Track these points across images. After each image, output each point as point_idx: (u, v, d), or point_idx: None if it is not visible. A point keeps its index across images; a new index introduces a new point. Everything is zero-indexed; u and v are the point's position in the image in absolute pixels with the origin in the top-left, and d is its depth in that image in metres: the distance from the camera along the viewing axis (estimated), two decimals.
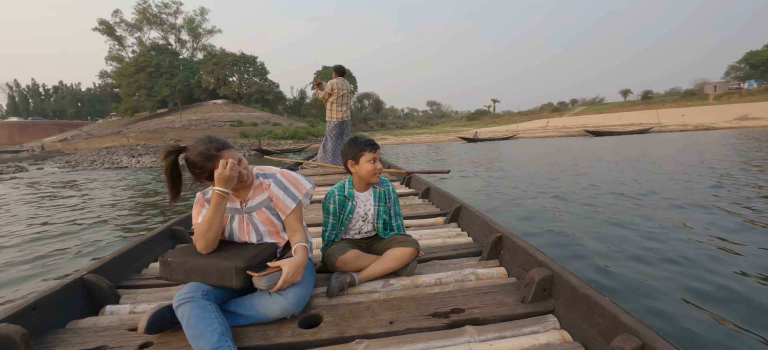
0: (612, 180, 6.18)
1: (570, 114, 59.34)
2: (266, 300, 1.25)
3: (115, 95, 52.79)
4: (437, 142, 32.72)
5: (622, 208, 4.17)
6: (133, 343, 1.17)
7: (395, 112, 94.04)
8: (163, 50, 48.46)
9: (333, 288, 1.42)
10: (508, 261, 1.67)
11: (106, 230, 4.34)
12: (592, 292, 1.15)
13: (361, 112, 67.94)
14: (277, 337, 1.19)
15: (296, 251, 1.32)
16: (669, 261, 2.56)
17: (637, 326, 0.96)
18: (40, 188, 8.60)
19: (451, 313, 1.29)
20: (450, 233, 2.24)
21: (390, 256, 1.56)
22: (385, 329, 1.21)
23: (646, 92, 62.35)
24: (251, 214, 1.39)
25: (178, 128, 35.31)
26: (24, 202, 6.66)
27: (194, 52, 54.25)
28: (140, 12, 50.02)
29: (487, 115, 72.43)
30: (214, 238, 1.28)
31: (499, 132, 37.04)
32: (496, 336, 1.15)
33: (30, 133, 53.15)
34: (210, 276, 1.20)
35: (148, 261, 1.93)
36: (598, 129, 30.06)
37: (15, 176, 11.70)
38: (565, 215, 4.02)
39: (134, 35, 51.65)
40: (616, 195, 4.89)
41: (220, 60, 47.53)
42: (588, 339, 1.10)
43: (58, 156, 25.85)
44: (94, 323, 1.32)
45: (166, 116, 44.55)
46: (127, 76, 45.34)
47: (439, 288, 1.50)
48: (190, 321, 1.08)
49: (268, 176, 1.42)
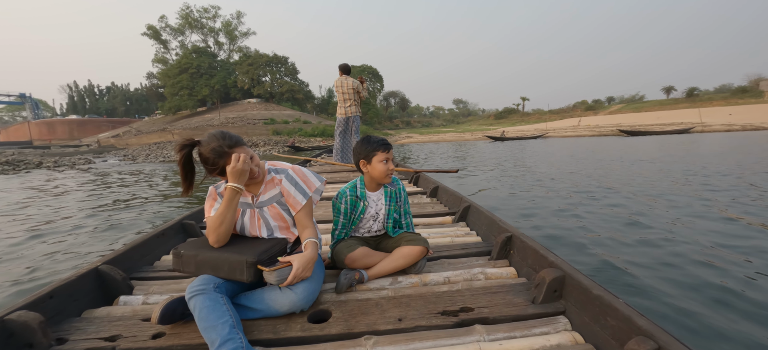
0: (630, 182, 5.98)
1: (605, 113, 56.77)
2: (276, 295, 1.26)
3: (160, 95, 56.56)
4: (463, 140, 32.49)
5: (642, 211, 3.99)
6: (146, 333, 1.20)
7: (421, 110, 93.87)
8: (203, 52, 51.66)
9: (342, 285, 1.43)
10: (517, 261, 1.67)
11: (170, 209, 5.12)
12: (606, 293, 1.13)
13: (386, 110, 68.63)
14: (286, 331, 1.20)
15: (306, 246, 1.34)
16: (694, 264, 2.46)
17: (653, 329, 0.94)
18: (114, 177, 9.95)
19: (460, 312, 1.29)
20: (458, 232, 2.24)
21: (399, 254, 1.57)
22: (394, 326, 1.22)
23: (691, 90, 58.24)
24: (262, 209, 1.41)
25: (216, 125, 37.72)
26: (109, 186, 7.90)
27: (230, 54, 57.24)
28: (183, 17, 53.56)
29: (516, 113, 70.70)
30: (226, 232, 1.30)
31: (527, 131, 36.33)
32: (506, 336, 1.14)
33: (86, 129, 58.59)
34: (221, 269, 1.22)
35: (159, 254, 1.96)
36: (634, 129, 28.85)
37: (90, 168, 13.27)
38: (588, 217, 3.87)
39: (177, 39, 55.29)
40: (636, 197, 4.72)
41: (254, 61, 49.91)
42: (601, 341, 1.08)
43: (114, 150, 28.35)
44: (108, 313, 1.35)
45: (205, 114, 47.50)
46: (171, 77, 48.86)
47: (448, 286, 1.49)
48: (201, 312, 1.10)
49: (279, 172, 1.44)
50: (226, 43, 57.32)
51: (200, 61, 49.18)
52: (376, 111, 55.93)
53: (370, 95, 57.41)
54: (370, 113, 54.08)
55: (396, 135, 45.33)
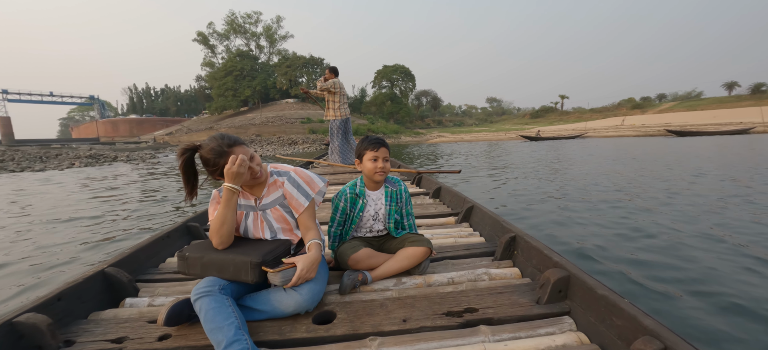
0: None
1: (654, 111, 52.84)
2: (281, 296, 1.27)
3: (207, 96, 61.15)
4: (496, 140, 31.87)
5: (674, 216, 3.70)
6: (153, 335, 1.21)
7: (452, 109, 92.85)
8: (246, 56, 55.27)
9: (345, 286, 1.44)
10: (521, 262, 1.67)
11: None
12: (611, 294, 1.13)
13: (418, 109, 68.78)
14: (291, 332, 1.21)
15: (310, 248, 1.34)
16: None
17: (659, 329, 0.94)
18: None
19: (464, 312, 1.29)
20: (462, 232, 2.24)
21: (403, 255, 1.57)
22: (399, 327, 1.22)
23: (757, 85, 51.82)
24: (265, 211, 1.42)
25: (258, 124, 40.24)
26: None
27: (270, 56, 60.47)
28: (229, 23, 57.44)
29: (554, 112, 67.93)
30: (228, 233, 1.31)
31: (565, 131, 35.01)
32: (511, 337, 1.15)
33: (144, 127, 64.97)
34: (226, 270, 1.23)
35: (164, 256, 1.97)
36: (684, 128, 26.41)
37: (158, 163, 14.44)
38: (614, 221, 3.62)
39: (223, 43, 59.45)
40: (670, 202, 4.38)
41: (292, 63, 52.39)
42: (606, 341, 1.09)
43: (169, 147, 30.69)
44: (115, 315, 1.36)
45: (247, 113, 50.67)
46: (217, 80, 52.92)
47: (452, 287, 1.50)
48: (207, 314, 1.11)
49: (281, 174, 1.45)
50: (266, 46, 60.63)
51: (243, 64, 52.84)
52: (407, 111, 56.39)
53: (401, 94, 57.96)
54: (402, 112, 54.67)
55: (427, 134, 45.48)
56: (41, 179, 8.82)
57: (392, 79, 57.16)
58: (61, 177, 9.21)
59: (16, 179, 9.09)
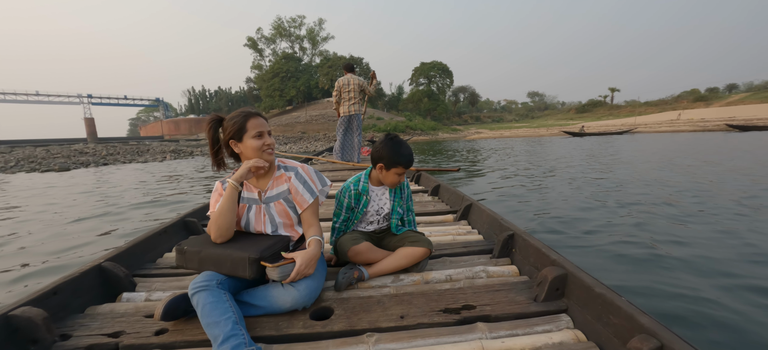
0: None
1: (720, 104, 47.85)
2: (279, 291, 1.27)
3: (256, 96, 65.83)
4: (537, 136, 30.84)
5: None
6: (150, 329, 1.21)
7: (491, 105, 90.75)
8: (291, 58, 58.76)
9: (340, 283, 1.44)
10: (519, 260, 1.68)
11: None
12: (608, 292, 1.14)
13: (455, 105, 68.39)
14: (288, 328, 1.21)
15: (310, 244, 1.35)
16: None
17: (656, 327, 0.95)
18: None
19: (462, 310, 1.30)
20: (460, 230, 2.24)
21: (402, 254, 1.57)
22: (396, 323, 1.22)
23: None
24: (269, 205, 1.42)
25: (303, 122, 43.01)
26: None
27: (312, 58, 63.69)
28: (275, 28, 61.42)
29: (602, 106, 63.69)
30: (227, 227, 1.31)
31: (612, 126, 33.13)
32: (508, 334, 1.15)
33: (201, 126, 70.67)
34: (224, 265, 1.23)
35: (162, 251, 1.97)
36: (749, 123, 23.97)
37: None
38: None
39: (270, 47, 63.67)
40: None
41: (333, 63, 54.76)
42: (603, 339, 1.09)
43: None
44: (111, 309, 1.35)
45: (291, 112, 53.95)
46: (266, 81, 56.91)
47: (450, 284, 1.50)
48: (204, 309, 1.11)
49: (289, 169, 1.47)
50: (308, 48, 63.95)
51: (288, 66, 56.26)
52: (445, 107, 56.60)
53: (438, 91, 58.16)
54: (439, 108, 54.99)
55: (465, 131, 45.43)
56: (164, 167, 10.92)
57: (429, 76, 57.77)
58: (163, 168, 11.03)
59: (129, 168, 11.23)
